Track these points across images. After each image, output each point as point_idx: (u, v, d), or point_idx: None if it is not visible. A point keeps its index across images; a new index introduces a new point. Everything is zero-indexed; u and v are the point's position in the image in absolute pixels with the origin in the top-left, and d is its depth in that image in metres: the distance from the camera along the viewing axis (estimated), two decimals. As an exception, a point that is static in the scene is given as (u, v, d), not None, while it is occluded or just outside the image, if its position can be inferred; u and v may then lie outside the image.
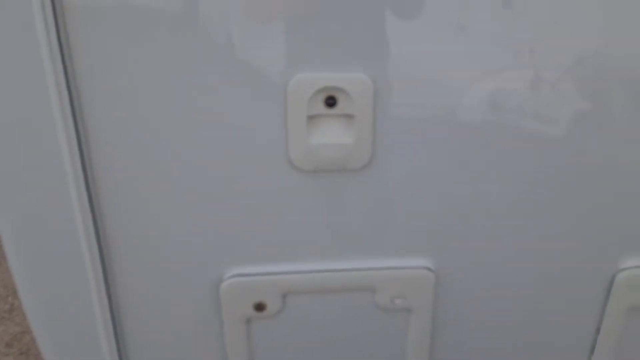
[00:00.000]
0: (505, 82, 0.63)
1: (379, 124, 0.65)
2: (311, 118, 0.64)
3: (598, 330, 0.82)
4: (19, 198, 0.65)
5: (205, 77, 0.61)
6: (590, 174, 0.70)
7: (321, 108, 0.63)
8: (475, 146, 0.67)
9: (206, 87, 0.62)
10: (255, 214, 0.71)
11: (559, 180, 0.70)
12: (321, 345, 0.80)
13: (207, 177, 0.68)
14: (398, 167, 0.68)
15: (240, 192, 0.69)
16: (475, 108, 0.64)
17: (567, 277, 0.79)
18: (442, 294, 0.77)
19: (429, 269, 0.74)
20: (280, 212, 0.71)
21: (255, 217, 0.71)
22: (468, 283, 0.77)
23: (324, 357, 0.81)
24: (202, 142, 0.65)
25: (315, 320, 0.79)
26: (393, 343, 0.80)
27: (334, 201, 0.70)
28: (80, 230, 0.68)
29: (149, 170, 0.67)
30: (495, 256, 0.75)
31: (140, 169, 0.66)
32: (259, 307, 0.76)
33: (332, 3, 0.58)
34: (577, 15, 0.61)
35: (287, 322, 0.78)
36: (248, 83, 0.62)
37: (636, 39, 0.63)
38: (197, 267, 0.74)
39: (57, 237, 0.67)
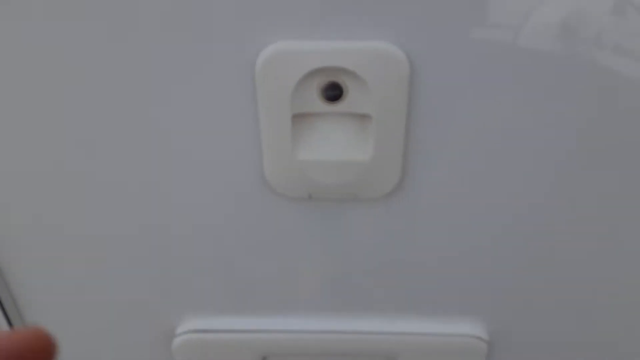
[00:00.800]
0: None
1: (415, 129, 0.38)
2: (300, 118, 0.38)
3: None
4: None
5: (127, 52, 0.35)
6: None
7: (316, 103, 0.37)
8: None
9: (129, 68, 0.36)
10: (217, 252, 0.46)
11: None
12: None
13: (156, 203, 0.43)
14: (440, 195, 0.42)
15: (200, 223, 0.44)
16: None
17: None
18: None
19: (480, 338, 0.49)
20: (253, 249, 0.46)
21: (218, 256, 0.47)
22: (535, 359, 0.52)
23: None
24: (142, 153, 0.40)
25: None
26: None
27: (338, 241, 0.45)
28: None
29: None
30: (576, 319, 0.50)
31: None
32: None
33: None
34: None
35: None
36: (192, 59, 0.36)
37: None
38: (144, 316, 0.51)
39: None
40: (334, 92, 0.36)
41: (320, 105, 0.36)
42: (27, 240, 0.45)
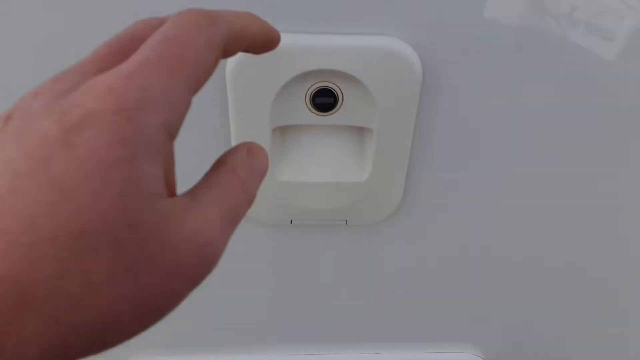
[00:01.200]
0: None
1: (422, 144, 0.31)
2: (283, 132, 0.30)
3: None
4: None
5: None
6: None
7: (304, 113, 0.29)
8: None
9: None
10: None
11: None
12: None
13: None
14: (442, 222, 0.35)
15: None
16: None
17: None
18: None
19: (479, 369, 0.44)
20: (222, 280, 0.39)
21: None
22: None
23: None
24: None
25: None
26: None
27: (323, 270, 0.38)
28: None
29: None
30: (574, 349, 0.45)
31: None
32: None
33: None
34: None
35: None
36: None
37: None
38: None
39: None
40: (326, 100, 0.28)
41: (309, 115, 0.29)
42: None
